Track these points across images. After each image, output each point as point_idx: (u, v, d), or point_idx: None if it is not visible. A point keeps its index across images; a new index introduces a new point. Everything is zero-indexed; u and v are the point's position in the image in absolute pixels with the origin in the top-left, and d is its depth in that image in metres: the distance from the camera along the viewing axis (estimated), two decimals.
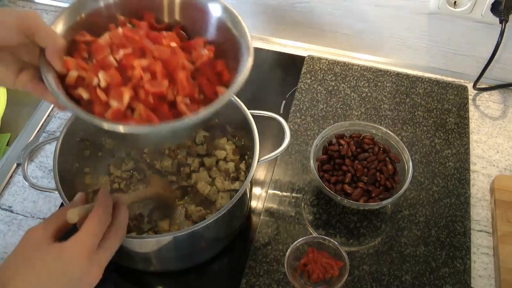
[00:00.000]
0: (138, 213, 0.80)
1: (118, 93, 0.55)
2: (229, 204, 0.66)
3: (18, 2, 1.22)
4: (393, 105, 1.00)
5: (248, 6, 1.08)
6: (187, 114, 0.56)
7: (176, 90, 0.57)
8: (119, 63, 0.56)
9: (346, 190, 0.80)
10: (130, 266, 0.77)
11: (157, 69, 0.56)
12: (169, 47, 0.59)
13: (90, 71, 0.56)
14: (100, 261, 0.52)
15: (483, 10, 0.92)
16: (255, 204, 0.85)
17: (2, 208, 0.85)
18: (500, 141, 0.95)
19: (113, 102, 0.55)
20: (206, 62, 0.60)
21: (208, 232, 0.71)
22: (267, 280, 0.76)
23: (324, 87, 1.03)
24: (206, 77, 0.60)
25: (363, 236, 0.81)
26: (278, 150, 0.74)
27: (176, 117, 0.56)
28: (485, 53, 0.97)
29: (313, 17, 1.06)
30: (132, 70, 0.56)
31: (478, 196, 0.87)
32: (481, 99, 1.03)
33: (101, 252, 0.52)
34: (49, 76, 0.54)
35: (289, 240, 0.80)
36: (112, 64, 0.56)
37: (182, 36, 0.64)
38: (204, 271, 0.78)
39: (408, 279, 0.76)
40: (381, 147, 0.84)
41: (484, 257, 0.80)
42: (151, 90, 0.55)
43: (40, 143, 0.78)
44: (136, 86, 0.56)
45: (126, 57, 0.56)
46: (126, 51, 0.56)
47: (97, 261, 0.52)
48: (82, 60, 0.57)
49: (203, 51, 0.61)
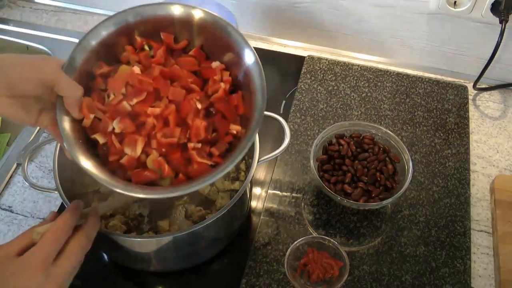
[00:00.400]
0: (138, 213, 0.80)
1: (132, 140, 0.57)
2: (229, 204, 0.66)
3: (18, 2, 1.22)
4: (393, 105, 1.00)
5: (248, 6, 1.08)
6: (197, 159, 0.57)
7: (189, 135, 0.58)
8: (133, 108, 0.57)
9: (346, 190, 0.80)
10: (130, 266, 0.77)
11: (170, 117, 0.57)
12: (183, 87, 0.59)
13: (105, 116, 0.57)
14: (57, 275, 0.50)
15: (483, 10, 0.92)
16: (255, 204, 0.85)
17: (2, 208, 0.85)
18: (500, 141, 0.95)
19: (127, 149, 0.57)
20: (222, 97, 0.60)
21: (208, 232, 0.71)
22: (267, 280, 0.76)
23: (324, 87, 1.03)
24: (221, 113, 0.60)
25: (363, 236, 0.81)
26: (278, 150, 0.74)
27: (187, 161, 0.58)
28: (485, 53, 0.97)
29: (313, 17, 1.06)
30: (146, 117, 0.57)
31: (478, 196, 0.87)
32: (481, 99, 1.03)
33: (58, 265, 0.51)
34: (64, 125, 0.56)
35: (289, 240, 0.80)
36: (126, 109, 0.57)
37: (201, 56, 0.64)
38: (204, 271, 0.78)
39: (408, 279, 0.76)
40: (381, 147, 0.84)
41: (484, 257, 0.80)
42: (164, 141, 0.57)
43: (40, 143, 0.78)
44: (149, 133, 0.57)
45: (139, 104, 0.57)
46: (139, 98, 0.57)
47: (54, 276, 0.50)
48: (99, 100, 0.58)
49: (220, 84, 0.61)
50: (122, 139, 0.57)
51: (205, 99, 0.60)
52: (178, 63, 0.61)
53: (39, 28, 1.15)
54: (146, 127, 0.57)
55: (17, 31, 1.14)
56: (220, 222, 0.68)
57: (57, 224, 0.52)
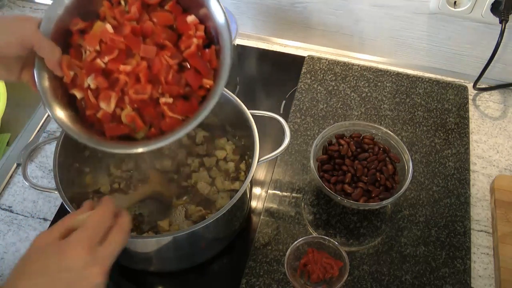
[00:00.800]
0: (138, 213, 0.80)
1: (106, 96, 0.59)
2: (229, 204, 0.66)
3: (18, 2, 1.22)
4: (393, 105, 1.00)
5: (248, 6, 1.08)
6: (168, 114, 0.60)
7: (161, 90, 0.60)
8: (106, 66, 0.59)
9: (346, 190, 0.80)
10: (130, 266, 0.77)
11: (141, 74, 0.59)
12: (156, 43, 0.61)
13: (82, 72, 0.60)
14: (102, 258, 0.52)
15: (483, 10, 0.92)
16: (255, 204, 0.85)
17: (2, 208, 0.85)
18: (500, 141, 0.95)
19: (102, 104, 0.60)
20: (194, 52, 0.61)
21: (208, 232, 0.71)
22: (267, 280, 0.76)
23: (324, 87, 1.03)
24: (193, 68, 0.61)
25: (363, 236, 0.81)
26: (278, 150, 0.74)
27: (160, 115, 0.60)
28: (485, 53, 0.97)
29: (313, 17, 1.06)
30: (118, 74, 0.59)
31: (478, 196, 0.87)
32: (481, 99, 1.03)
33: (102, 248, 0.52)
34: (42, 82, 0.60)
35: (289, 240, 0.80)
36: (100, 66, 0.60)
37: (177, 10, 0.64)
38: (204, 271, 0.78)
39: (408, 279, 0.76)
40: (381, 147, 0.84)
41: (484, 257, 0.80)
42: (134, 97, 0.59)
43: (40, 143, 0.78)
44: (123, 89, 0.60)
45: (111, 61, 0.59)
46: (111, 56, 0.59)
47: (99, 258, 0.51)
48: (76, 56, 0.61)
49: (193, 40, 0.61)
50: (97, 94, 0.60)
51: (178, 54, 0.61)
52: (154, 18, 0.62)
53: None
54: (119, 84, 0.59)
55: None
56: (220, 222, 0.68)
57: (100, 209, 0.54)
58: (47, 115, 0.98)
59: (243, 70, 1.03)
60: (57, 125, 0.96)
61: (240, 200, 0.68)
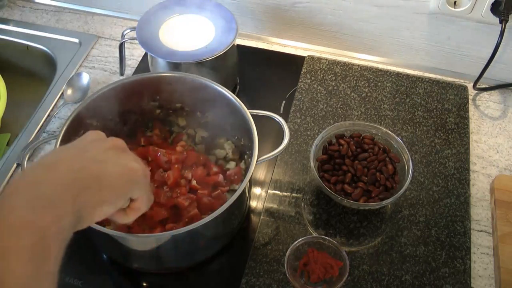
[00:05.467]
0: None
1: None
2: (227, 204, 0.66)
3: (18, 2, 1.22)
4: (393, 105, 1.00)
5: (248, 6, 1.08)
6: None
7: None
8: None
9: (346, 190, 0.80)
10: (130, 266, 0.77)
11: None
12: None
13: None
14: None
15: (483, 10, 0.92)
16: (255, 204, 0.85)
17: None
18: (500, 141, 0.95)
19: None
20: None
21: (207, 231, 0.71)
22: (267, 280, 0.76)
23: (324, 87, 1.03)
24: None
25: (363, 236, 0.81)
26: (277, 150, 0.74)
27: None
28: (485, 53, 0.97)
29: (313, 17, 1.06)
30: None
31: (478, 196, 0.87)
32: (481, 99, 1.03)
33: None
34: None
35: (289, 240, 0.80)
36: None
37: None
38: (204, 271, 0.78)
39: (408, 279, 0.76)
40: (381, 147, 0.84)
41: (484, 257, 0.80)
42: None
43: (40, 142, 0.78)
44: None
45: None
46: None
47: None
48: None
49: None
50: None
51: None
52: None
53: (39, 28, 1.15)
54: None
55: (17, 31, 1.14)
56: (218, 221, 0.68)
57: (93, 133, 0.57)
58: (47, 115, 0.98)
59: (243, 70, 1.03)
60: (57, 125, 0.96)
61: (238, 199, 0.68)
